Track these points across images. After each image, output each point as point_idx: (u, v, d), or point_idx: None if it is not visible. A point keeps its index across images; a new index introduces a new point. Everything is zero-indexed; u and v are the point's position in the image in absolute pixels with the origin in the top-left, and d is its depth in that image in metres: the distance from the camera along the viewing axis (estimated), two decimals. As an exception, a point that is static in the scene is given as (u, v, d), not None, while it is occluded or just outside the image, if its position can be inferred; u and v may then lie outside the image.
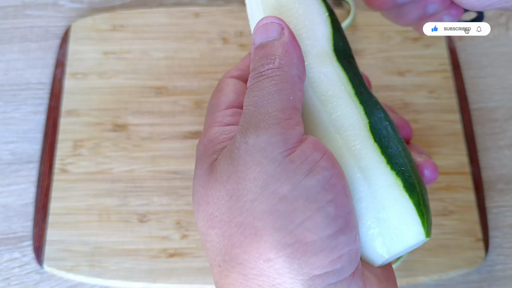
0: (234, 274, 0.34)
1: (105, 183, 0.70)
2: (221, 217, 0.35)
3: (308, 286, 0.33)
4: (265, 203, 0.33)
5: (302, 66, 0.38)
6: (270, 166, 0.33)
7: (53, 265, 0.65)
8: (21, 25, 0.83)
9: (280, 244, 0.32)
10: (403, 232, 0.36)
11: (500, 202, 0.73)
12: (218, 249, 0.35)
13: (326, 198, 0.33)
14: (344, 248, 0.33)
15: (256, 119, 0.35)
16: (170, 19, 0.80)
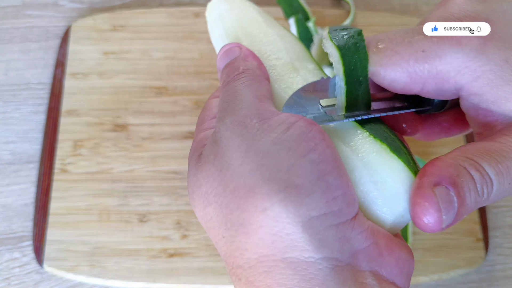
0: (238, 237, 0.35)
1: (105, 183, 0.70)
2: (216, 191, 0.37)
3: (308, 227, 0.33)
4: (251, 162, 0.35)
5: (264, 69, 0.43)
6: (249, 132, 0.36)
7: (53, 265, 0.66)
8: (21, 25, 0.83)
9: (272, 191, 0.34)
10: (400, 189, 0.37)
11: (500, 203, 0.73)
12: (218, 222, 0.37)
13: (308, 147, 0.35)
14: (337, 190, 0.35)
15: (231, 107, 0.38)
16: (170, 19, 0.81)
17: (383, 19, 0.82)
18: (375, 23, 0.82)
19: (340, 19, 0.82)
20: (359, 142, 0.39)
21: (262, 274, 0.34)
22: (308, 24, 0.79)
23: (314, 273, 0.33)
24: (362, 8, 0.87)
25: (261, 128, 0.36)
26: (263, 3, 0.86)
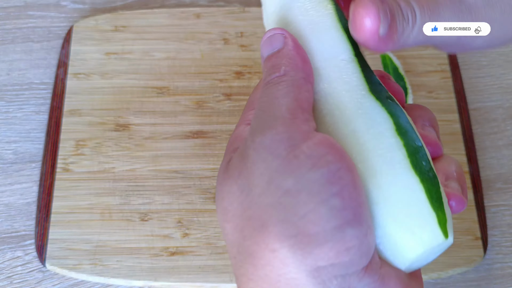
0: (246, 265, 0.35)
1: (107, 182, 0.70)
2: (234, 211, 0.36)
3: (313, 277, 0.33)
4: (270, 197, 0.34)
5: (308, 68, 0.39)
6: (275, 162, 0.35)
7: (56, 264, 0.66)
8: (23, 26, 0.83)
9: (284, 235, 0.33)
10: (422, 235, 0.35)
11: (499, 201, 0.74)
12: (232, 242, 0.37)
13: (331, 191, 0.33)
14: (352, 240, 0.33)
15: (263, 121, 0.37)
16: (171, 20, 0.81)
17: (383, 20, 0.82)
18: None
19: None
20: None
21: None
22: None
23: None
24: (362, 9, 0.87)
25: (286, 158, 0.34)
26: (263, 4, 0.87)
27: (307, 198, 0.33)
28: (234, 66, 0.78)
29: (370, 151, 0.36)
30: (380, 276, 0.35)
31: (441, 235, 0.35)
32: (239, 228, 0.36)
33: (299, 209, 0.33)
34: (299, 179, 0.34)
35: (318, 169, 0.34)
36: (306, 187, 0.34)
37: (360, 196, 0.35)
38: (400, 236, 0.35)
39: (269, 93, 0.38)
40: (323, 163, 0.34)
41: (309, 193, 0.33)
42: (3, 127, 0.75)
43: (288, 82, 0.38)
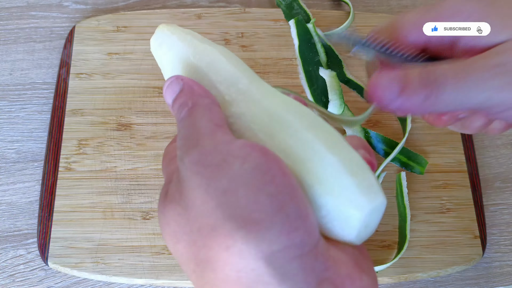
0: (207, 273, 0.36)
1: (109, 181, 0.71)
2: (183, 230, 0.38)
3: (272, 263, 0.34)
4: (211, 201, 0.36)
5: (210, 95, 0.43)
6: (207, 171, 0.37)
7: (58, 262, 0.66)
8: (26, 26, 0.84)
9: (233, 229, 0.35)
10: (358, 200, 0.37)
11: (497, 201, 0.74)
12: (188, 258, 0.38)
13: (264, 180, 0.36)
14: (297, 220, 0.35)
15: (188, 144, 0.39)
16: (172, 21, 0.81)
17: (382, 20, 0.83)
18: (374, 23, 0.82)
19: (340, 20, 0.82)
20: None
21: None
22: (308, 25, 0.79)
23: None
24: (361, 9, 0.87)
25: (217, 164, 0.37)
26: (264, 4, 0.88)
27: (245, 191, 0.35)
28: (235, 66, 0.78)
29: (292, 147, 0.39)
30: (332, 254, 0.36)
31: (374, 197, 0.38)
32: (192, 243, 0.37)
33: (240, 203, 0.35)
34: (233, 177, 0.36)
35: (248, 164, 0.36)
36: (241, 182, 0.36)
37: (291, 180, 0.37)
38: (341, 208, 0.37)
39: (186, 124, 0.41)
40: (250, 159, 0.36)
41: (245, 186, 0.35)
42: (5, 126, 0.76)
43: (198, 109, 0.41)
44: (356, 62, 0.80)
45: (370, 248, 0.68)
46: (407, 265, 0.67)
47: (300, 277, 0.34)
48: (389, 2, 0.88)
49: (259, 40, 0.81)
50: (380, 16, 0.83)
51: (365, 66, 0.53)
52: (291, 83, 0.77)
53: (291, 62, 0.79)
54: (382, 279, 0.67)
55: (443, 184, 0.72)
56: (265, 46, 0.80)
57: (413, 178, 0.72)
